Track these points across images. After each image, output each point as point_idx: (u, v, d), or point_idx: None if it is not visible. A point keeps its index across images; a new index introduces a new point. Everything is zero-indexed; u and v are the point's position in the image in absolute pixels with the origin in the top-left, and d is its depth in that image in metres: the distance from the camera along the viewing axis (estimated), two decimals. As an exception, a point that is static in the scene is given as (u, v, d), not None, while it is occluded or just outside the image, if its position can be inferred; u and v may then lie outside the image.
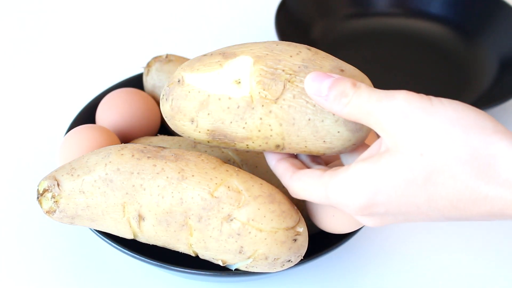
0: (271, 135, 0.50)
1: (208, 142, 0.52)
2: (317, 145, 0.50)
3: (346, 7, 0.93)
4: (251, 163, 0.58)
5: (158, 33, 0.93)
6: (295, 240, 0.51)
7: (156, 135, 0.66)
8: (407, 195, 0.44)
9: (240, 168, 0.57)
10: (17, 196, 0.68)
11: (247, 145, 0.51)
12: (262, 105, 0.49)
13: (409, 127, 0.43)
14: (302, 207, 0.57)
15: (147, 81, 0.67)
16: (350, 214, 0.48)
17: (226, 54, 0.51)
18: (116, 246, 0.55)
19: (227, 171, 0.52)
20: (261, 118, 0.50)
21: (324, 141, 0.50)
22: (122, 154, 0.52)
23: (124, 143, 0.62)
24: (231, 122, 0.50)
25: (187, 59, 0.68)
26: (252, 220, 0.50)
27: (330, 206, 0.50)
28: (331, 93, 0.46)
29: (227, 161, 0.58)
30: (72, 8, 0.97)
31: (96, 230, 0.56)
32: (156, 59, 0.68)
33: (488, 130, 0.43)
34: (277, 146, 0.51)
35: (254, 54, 0.50)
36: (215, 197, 0.50)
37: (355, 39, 0.90)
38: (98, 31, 0.93)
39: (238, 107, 0.50)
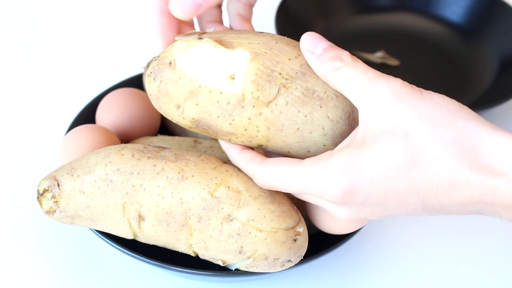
0: (256, 136, 0.50)
1: (190, 128, 0.51)
2: (300, 153, 0.50)
3: (346, 7, 0.93)
4: (251, 163, 0.58)
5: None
6: (295, 240, 0.51)
7: (156, 135, 0.66)
8: (389, 179, 0.44)
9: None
10: (17, 196, 0.68)
11: (229, 139, 0.51)
12: (253, 106, 0.48)
13: (398, 108, 0.44)
14: (302, 207, 0.57)
15: (147, 81, 0.67)
16: (326, 205, 0.48)
17: (223, 42, 0.49)
18: (116, 246, 0.55)
19: (227, 171, 0.52)
20: (249, 118, 0.49)
21: (308, 151, 0.50)
22: (122, 154, 0.52)
23: (124, 143, 0.62)
24: (218, 116, 0.49)
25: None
26: (252, 220, 0.50)
27: (304, 194, 0.49)
28: (326, 54, 0.46)
29: (227, 161, 0.58)
30: (72, 8, 0.97)
31: (96, 230, 0.56)
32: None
33: (472, 117, 0.44)
34: (260, 145, 0.50)
35: (252, 50, 0.48)
36: (215, 197, 0.50)
37: (355, 39, 0.90)
38: (98, 31, 0.93)
39: (228, 103, 0.49)
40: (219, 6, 0.57)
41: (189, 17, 0.50)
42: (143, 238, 0.53)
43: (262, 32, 0.50)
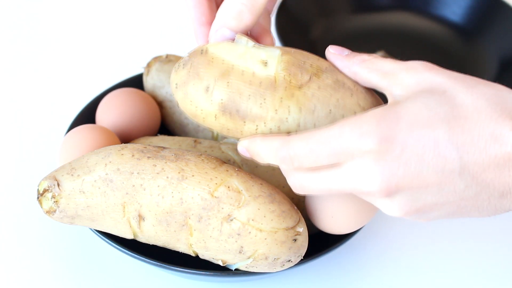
0: (286, 118, 0.48)
1: (215, 117, 0.49)
2: None
3: (346, 7, 0.93)
4: (251, 163, 0.58)
5: (158, 33, 0.93)
6: (295, 240, 0.51)
7: (156, 135, 0.66)
8: (428, 126, 0.42)
9: (240, 168, 0.57)
10: (17, 196, 0.68)
11: (256, 126, 0.49)
12: (285, 88, 0.48)
13: (432, 75, 0.45)
14: (302, 207, 0.57)
15: (147, 81, 0.67)
16: (360, 164, 0.43)
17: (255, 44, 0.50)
18: (116, 246, 0.55)
19: (227, 171, 0.52)
20: (281, 98, 0.48)
21: None
22: (122, 154, 0.52)
23: (124, 143, 0.62)
24: (249, 96, 0.48)
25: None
26: (252, 220, 0.50)
27: (335, 155, 0.44)
28: (352, 54, 0.49)
29: (227, 161, 0.58)
30: (72, 8, 0.97)
31: (96, 230, 0.56)
32: (156, 59, 0.68)
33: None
34: (289, 133, 0.49)
35: (283, 49, 0.50)
36: (215, 197, 0.50)
37: (355, 39, 0.90)
38: (98, 31, 0.93)
39: (260, 83, 0.48)
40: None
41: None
42: (143, 238, 0.53)
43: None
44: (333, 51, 0.50)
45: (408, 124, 0.42)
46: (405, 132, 0.42)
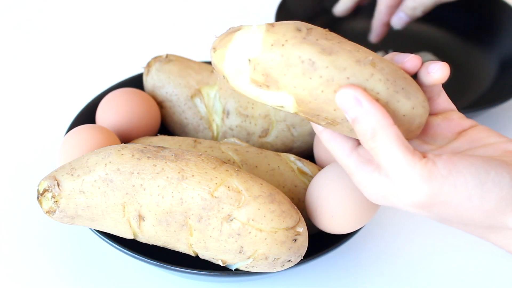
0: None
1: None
2: None
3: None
4: (251, 163, 0.58)
5: (158, 33, 0.93)
6: (295, 240, 0.51)
7: (156, 135, 0.66)
8: (459, 215, 0.45)
9: (240, 168, 0.57)
10: (17, 196, 0.68)
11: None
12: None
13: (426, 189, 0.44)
14: (302, 207, 0.57)
15: (147, 81, 0.67)
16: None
17: (268, 78, 0.47)
18: (116, 246, 0.55)
19: (227, 171, 0.52)
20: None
21: None
22: (122, 154, 0.52)
23: (124, 143, 0.62)
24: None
25: (187, 59, 0.68)
26: (252, 220, 0.50)
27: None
28: (355, 127, 0.45)
29: (227, 161, 0.58)
30: (72, 8, 0.97)
31: (96, 230, 0.56)
32: (156, 59, 0.68)
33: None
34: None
35: (297, 96, 0.47)
36: (215, 197, 0.50)
37: (355, 39, 0.90)
38: (98, 31, 0.93)
39: (282, 109, 0.49)
40: None
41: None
42: (143, 238, 0.53)
43: (313, 62, 0.46)
44: (340, 106, 0.46)
45: (452, 202, 0.45)
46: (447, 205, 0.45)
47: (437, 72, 0.48)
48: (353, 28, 0.92)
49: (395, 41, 0.90)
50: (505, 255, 0.65)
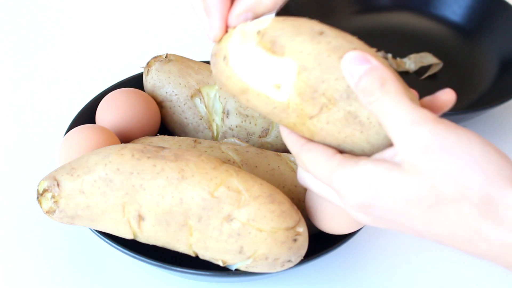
0: (302, 131, 0.49)
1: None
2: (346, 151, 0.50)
3: (346, 7, 0.93)
4: (251, 163, 0.58)
5: (158, 33, 0.93)
6: (295, 240, 0.51)
7: (156, 135, 0.66)
8: (406, 213, 0.44)
9: (240, 168, 0.57)
10: (17, 196, 0.68)
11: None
12: (297, 116, 0.48)
13: (427, 161, 0.42)
14: (302, 207, 0.57)
15: (147, 81, 0.67)
16: (345, 206, 0.47)
17: (275, 45, 0.48)
18: (116, 246, 0.55)
19: (227, 171, 0.52)
20: (294, 124, 0.49)
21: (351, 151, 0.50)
22: (122, 154, 0.52)
23: (124, 143, 0.62)
24: (267, 114, 0.50)
25: (188, 59, 0.68)
26: (252, 220, 0.50)
27: (330, 189, 0.48)
28: (360, 84, 0.45)
29: (227, 161, 0.58)
30: (72, 8, 0.97)
31: (96, 230, 0.56)
32: (156, 59, 0.68)
33: (508, 181, 0.42)
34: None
35: (301, 62, 0.47)
36: (215, 197, 0.50)
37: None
38: (98, 31, 0.93)
39: (274, 107, 0.49)
40: None
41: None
42: (143, 238, 0.53)
43: (322, 33, 0.48)
44: (345, 71, 0.46)
45: (388, 203, 0.44)
46: (385, 207, 0.44)
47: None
48: (353, 28, 0.92)
49: (395, 41, 0.90)
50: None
